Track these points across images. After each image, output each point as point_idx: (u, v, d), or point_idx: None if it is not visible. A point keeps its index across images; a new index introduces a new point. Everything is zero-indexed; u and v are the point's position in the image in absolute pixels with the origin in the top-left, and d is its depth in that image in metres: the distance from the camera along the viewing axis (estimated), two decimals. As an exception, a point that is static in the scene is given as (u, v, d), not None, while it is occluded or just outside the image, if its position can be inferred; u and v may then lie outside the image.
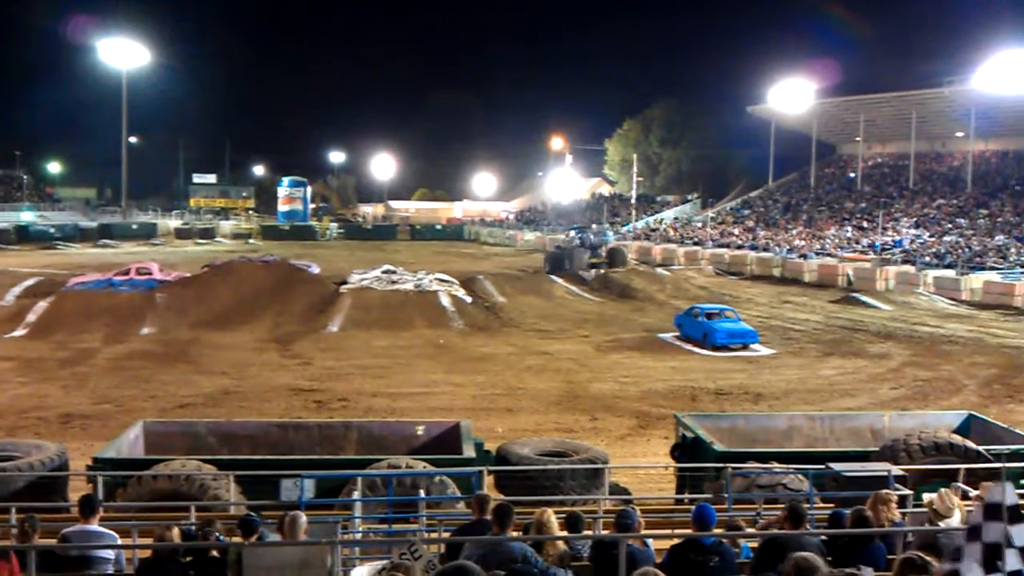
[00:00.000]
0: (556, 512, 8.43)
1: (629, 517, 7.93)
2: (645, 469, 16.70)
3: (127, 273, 41.98)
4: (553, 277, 49.47)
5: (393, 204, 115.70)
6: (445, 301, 39.24)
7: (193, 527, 8.57)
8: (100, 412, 21.35)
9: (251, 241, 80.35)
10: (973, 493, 10.21)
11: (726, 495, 11.37)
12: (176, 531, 8.14)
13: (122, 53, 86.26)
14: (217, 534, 8.00)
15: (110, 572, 8.00)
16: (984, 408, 20.39)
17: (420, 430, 13.37)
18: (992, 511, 4.31)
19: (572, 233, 60.76)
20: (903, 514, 9.12)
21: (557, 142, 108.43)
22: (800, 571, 4.27)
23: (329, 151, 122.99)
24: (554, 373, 26.71)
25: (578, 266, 51.83)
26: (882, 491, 8.39)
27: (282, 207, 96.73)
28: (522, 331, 34.48)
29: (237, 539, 8.07)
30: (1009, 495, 4.28)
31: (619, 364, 28.25)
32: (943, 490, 8.49)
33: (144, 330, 32.67)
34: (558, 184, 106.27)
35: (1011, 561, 4.19)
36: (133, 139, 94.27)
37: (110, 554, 8.11)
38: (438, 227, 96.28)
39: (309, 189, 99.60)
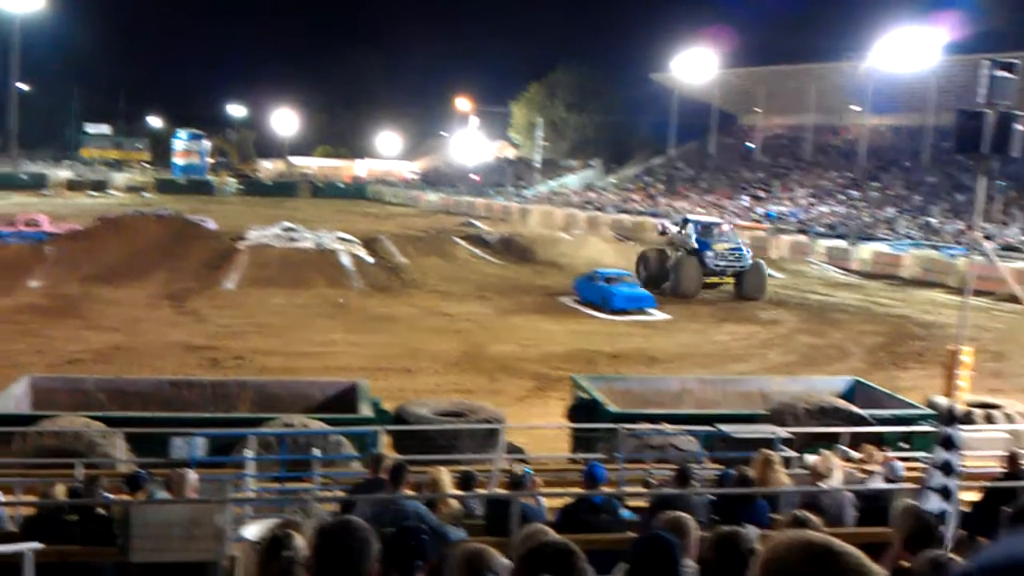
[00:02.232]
0: (452, 471, 8.49)
1: (522, 476, 8.04)
2: (541, 429, 16.88)
3: (14, 224, 40.61)
4: (456, 239, 49.11)
5: (294, 160, 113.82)
6: (346, 260, 38.86)
7: (79, 484, 8.40)
8: (-16, 367, 20.66)
9: (146, 195, 78.32)
10: (855, 455, 10.58)
11: (618, 455, 11.57)
12: (61, 488, 7.97)
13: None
14: (103, 491, 7.85)
15: (-9, 530, 7.80)
16: (869, 374, 21.05)
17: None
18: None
19: (688, 230, 37.17)
20: (788, 475, 9.42)
21: (463, 103, 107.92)
22: (672, 529, 4.38)
23: (228, 104, 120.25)
24: (454, 334, 26.74)
25: (684, 288, 34.80)
26: (766, 452, 8.65)
27: (178, 160, 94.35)
28: (424, 292, 34.37)
29: (124, 496, 7.94)
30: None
31: (519, 327, 28.40)
32: (824, 452, 8.81)
33: (32, 283, 31.62)
34: (463, 145, 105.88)
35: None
36: (24, 86, 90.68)
37: (-9, 511, 7.91)
38: (340, 185, 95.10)
39: (207, 143, 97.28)
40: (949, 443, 4.95)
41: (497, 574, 3.41)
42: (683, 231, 37.48)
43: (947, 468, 4.86)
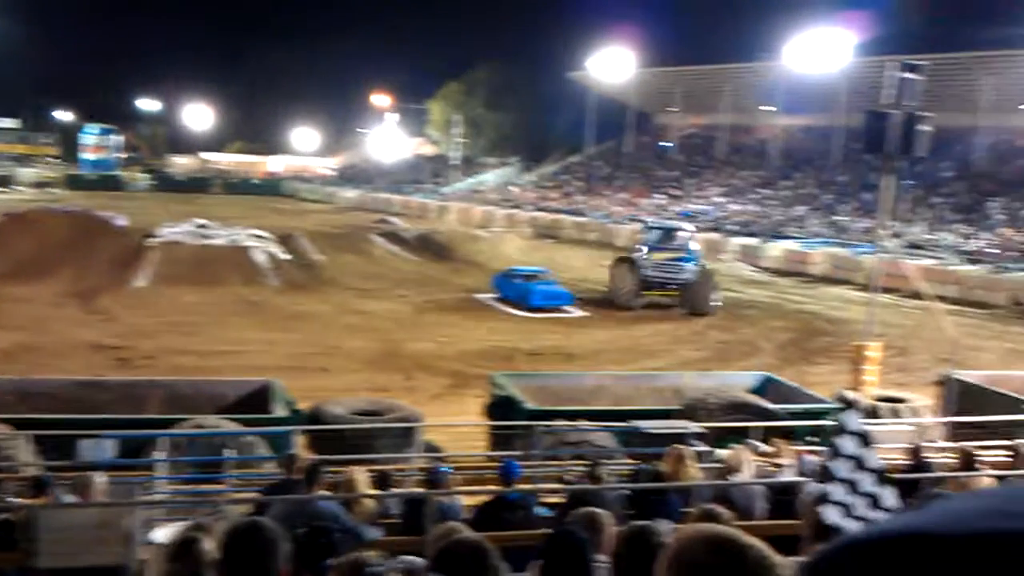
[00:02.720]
0: (369, 470, 8.45)
1: (438, 474, 8.04)
2: (458, 427, 16.87)
3: (-86, 221, 39.28)
4: (372, 237, 48.79)
5: (207, 156, 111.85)
6: (260, 258, 38.43)
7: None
8: None
9: (54, 191, 76.34)
10: (765, 449, 10.79)
11: (534, 452, 11.63)
12: (-38, 493, 7.74)
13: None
14: (7, 496, 7.64)
15: None
16: (779, 369, 21.46)
17: None
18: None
19: (646, 236, 34.55)
20: (701, 469, 9.56)
21: (381, 99, 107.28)
22: (586, 525, 4.44)
23: (140, 98, 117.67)
24: (371, 332, 26.59)
25: (617, 299, 32.07)
26: (678, 447, 8.77)
27: (89, 155, 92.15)
28: (340, 290, 34.11)
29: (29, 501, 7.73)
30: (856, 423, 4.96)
31: (437, 324, 28.36)
32: (735, 446, 8.96)
33: (-67, 282, 30.63)
34: (382, 142, 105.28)
35: (866, 484, 4.79)
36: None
37: None
38: (254, 181, 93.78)
39: (118, 137, 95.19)
40: (840, 429, 5.14)
41: (378, 573, 3.43)
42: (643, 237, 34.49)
43: (834, 452, 5.03)
